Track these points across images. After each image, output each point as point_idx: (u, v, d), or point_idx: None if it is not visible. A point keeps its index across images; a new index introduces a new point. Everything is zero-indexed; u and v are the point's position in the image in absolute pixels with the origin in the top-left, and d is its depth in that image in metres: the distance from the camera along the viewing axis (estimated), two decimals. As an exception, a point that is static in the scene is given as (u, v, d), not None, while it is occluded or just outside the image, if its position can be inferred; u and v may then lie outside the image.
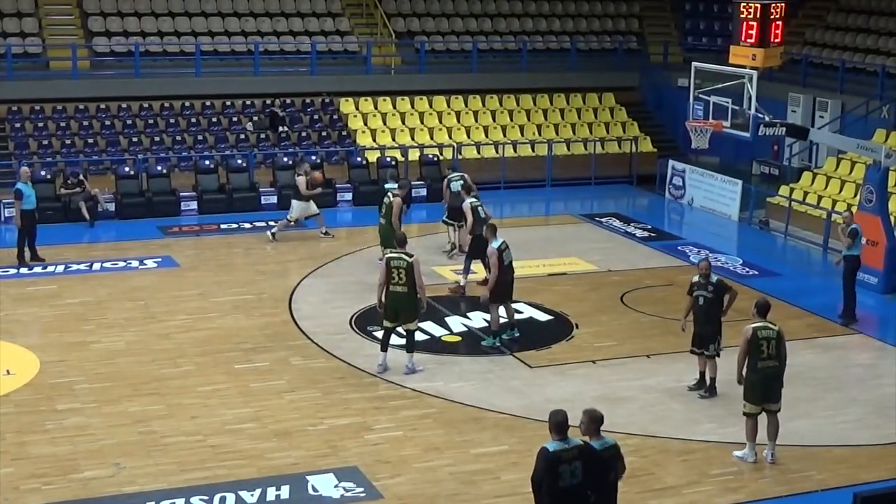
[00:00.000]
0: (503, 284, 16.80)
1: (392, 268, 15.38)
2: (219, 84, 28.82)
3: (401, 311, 15.53)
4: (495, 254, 16.69)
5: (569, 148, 29.92)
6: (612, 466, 10.04)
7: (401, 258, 15.41)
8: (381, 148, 28.33)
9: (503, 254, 16.76)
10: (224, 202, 25.35)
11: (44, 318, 18.10)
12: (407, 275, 15.31)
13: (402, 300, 15.44)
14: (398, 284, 15.38)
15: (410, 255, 15.48)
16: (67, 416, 14.22)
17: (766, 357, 13.07)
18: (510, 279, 16.99)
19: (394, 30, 31.54)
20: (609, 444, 10.10)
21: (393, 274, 15.36)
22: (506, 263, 16.80)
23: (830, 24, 31.76)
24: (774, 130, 20.78)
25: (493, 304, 16.92)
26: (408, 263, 15.34)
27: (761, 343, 13.07)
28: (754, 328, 13.12)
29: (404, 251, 15.53)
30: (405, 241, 15.86)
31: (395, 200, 19.94)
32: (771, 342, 13.07)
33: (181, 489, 12.38)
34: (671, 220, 26.91)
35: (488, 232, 17.27)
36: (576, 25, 33.86)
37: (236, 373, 15.86)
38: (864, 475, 13.11)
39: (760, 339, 13.07)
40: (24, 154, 25.86)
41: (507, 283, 16.88)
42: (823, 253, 23.37)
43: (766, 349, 13.06)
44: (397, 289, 15.41)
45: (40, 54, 28.62)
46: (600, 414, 10.06)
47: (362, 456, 13.31)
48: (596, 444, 10.01)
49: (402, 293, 15.40)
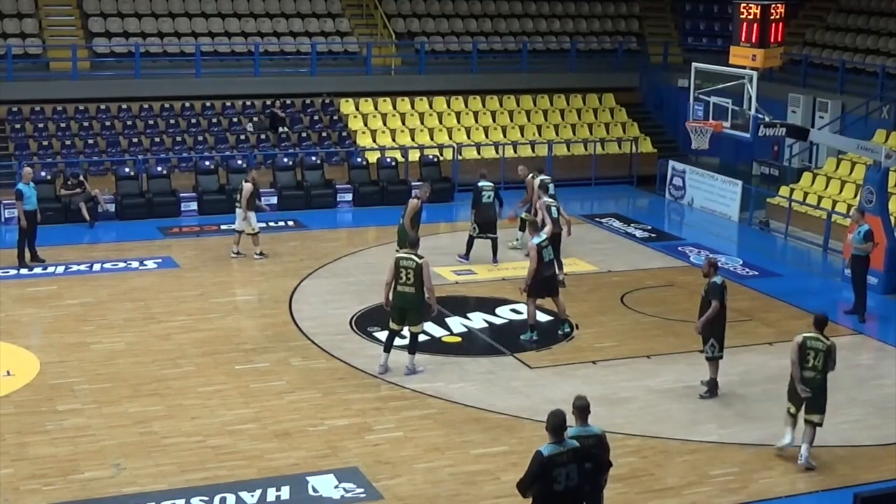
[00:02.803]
0: (540, 280, 17.04)
1: (401, 268, 15.42)
2: (219, 85, 28.83)
3: (407, 311, 15.56)
4: (535, 248, 16.97)
5: (569, 148, 29.93)
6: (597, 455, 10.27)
7: (410, 258, 15.45)
8: (381, 149, 28.34)
9: (543, 250, 17.02)
10: (224, 203, 25.35)
11: (44, 319, 18.10)
12: (416, 276, 15.34)
13: (409, 301, 15.49)
14: (406, 285, 15.42)
15: (421, 256, 15.50)
16: (68, 417, 14.22)
17: (809, 367, 13.30)
18: (548, 275, 17.20)
19: (394, 30, 31.55)
20: (591, 433, 10.33)
21: (401, 274, 15.41)
22: (546, 260, 17.07)
23: (830, 24, 31.76)
24: (774, 131, 20.77)
25: (530, 298, 17.19)
26: (417, 264, 15.37)
27: (808, 353, 13.29)
28: (805, 337, 13.35)
29: (415, 252, 15.54)
30: (417, 242, 15.87)
31: (411, 201, 19.90)
32: (819, 354, 13.25)
33: (181, 490, 12.38)
34: (671, 221, 26.91)
35: (530, 228, 17.67)
36: (576, 26, 33.87)
37: (237, 373, 15.86)
38: (864, 475, 13.13)
39: (808, 349, 13.28)
40: (24, 155, 25.86)
41: (544, 278, 17.11)
42: (823, 253, 23.38)
43: (811, 360, 13.29)
44: (405, 289, 15.44)
45: (40, 55, 28.63)
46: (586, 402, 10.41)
47: (363, 456, 13.31)
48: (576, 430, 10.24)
49: (410, 294, 15.44)
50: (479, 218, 21.30)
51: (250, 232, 21.42)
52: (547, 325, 18.05)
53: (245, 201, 21.19)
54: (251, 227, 21.38)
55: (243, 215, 21.34)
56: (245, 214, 21.30)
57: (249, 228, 21.38)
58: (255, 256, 21.50)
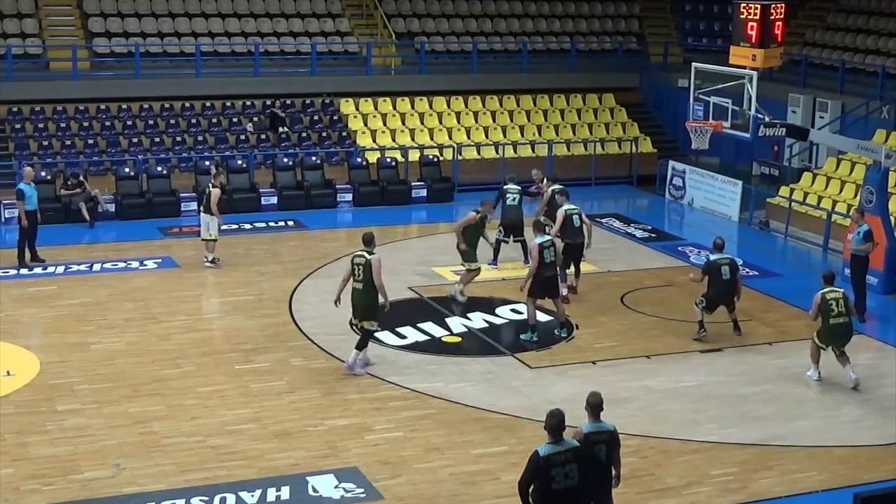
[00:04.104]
0: (541, 280, 17.07)
1: (354, 264, 15.67)
2: (219, 85, 28.83)
3: (358, 307, 15.73)
4: (536, 248, 17.02)
5: (569, 149, 29.93)
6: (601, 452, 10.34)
7: (362, 255, 15.64)
8: (381, 149, 28.34)
9: (545, 251, 17.04)
10: (224, 203, 25.27)
11: (44, 319, 18.10)
12: (365, 272, 15.51)
13: (358, 297, 15.68)
14: (357, 281, 15.67)
15: (373, 253, 15.65)
16: (68, 417, 14.22)
17: (836, 315, 15.41)
18: (549, 276, 17.22)
19: (394, 30, 31.55)
20: (604, 429, 10.40)
21: (354, 271, 15.66)
22: (547, 261, 17.08)
23: (830, 24, 31.76)
24: (774, 131, 20.76)
25: (530, 299, 17.23)
26: (367, 261, 15.53)
27: (830, 303, 15.39)
28: (822, 293, 15.48)
29: (367, 249, 15.67)
30: (372, 239, 15.91)
31: (469, 214, 19.54)
32: (839, 301, 15.42)
33: (181, 490, 12.38)
34: (671, 221, 26.92)
35: (535, 228, 17.77)
36: (576, 26, 33.86)
37: (236, 373, 15.86)
38: (864, 475, 13.12)
39: (829, 300, 15.40)
40: (24, 155, 25.85)
41: (545, 279, 17.14)
42: (823, 253, 23.38)
43: (835, 307, 15.39)
44: (356, 285, 15.70)
45: (40, 55, 28.63)
46: (599, 399, 10.54)
47: (362, 457, 13.31)
48: (590, 426, 10.36)
49: (359, 290, 15.65)
50: (503, 220, 21.31)
51: (207, 238, 20.98)
52: (549, 326, 18.05)
53: (215, 207, 20.71)
54: (209, 232, 20.89)
55: (211, 220, 20.72)
56: (212, 219, 20.69)
57: (208, 234, 20.94)
58: (206, 263, 21.03)
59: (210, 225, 20.90)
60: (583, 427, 10.40)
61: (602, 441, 10.39)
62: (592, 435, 10.34)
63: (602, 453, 10.36)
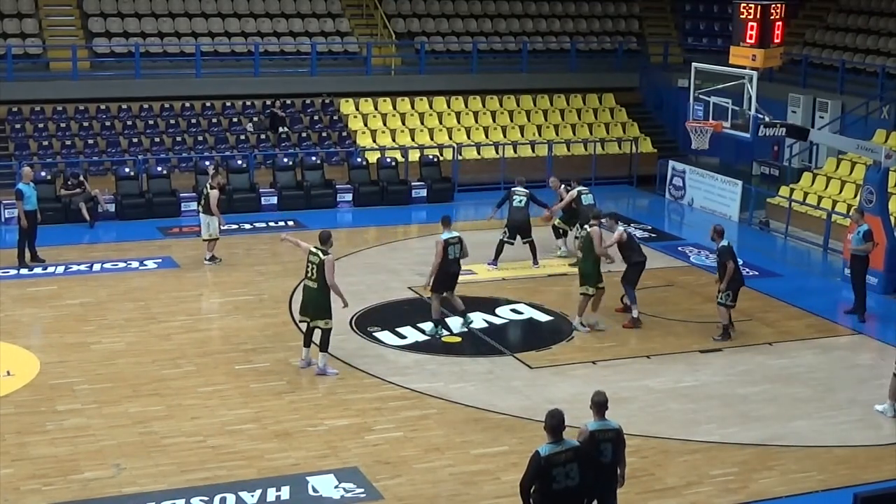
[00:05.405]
0: (444, 275, 17.25)
1: (308, 262, 15.69)
2: (219, 85, 28.83)
3: (311, 306, 15.71)
4: (441, 243, 17.16)
5: (569, 149, 29.92)
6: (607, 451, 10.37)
7: (316, 254, 15.63)
8: (381, 149, 28.34)
9: (450, 247, 17.20)
10: (224, 203, 25.26)
11: (44, 319, 18.10)
12: (318, 271, 15.51)
13: (311, 295, 15.67)
14: (310, 280, 15.67)
15: (327, 252, 15.62)
16: (68, 417, 14.22)
17: None
18: (452, 272, 17.36)
19: (394, 30, 31.55)
20: (610, 427, 10.42)
21: (308, 269, 15.68)
22: (451, 257, 17.22)
23: (830, 24, 31.76)
24: (774, 131, 20.77)
25: (435, 294, 17.46)
26: (320, 260, 15.53)
27: None
28: None
29: (322, 248, 15.65)
30: (328, 238, 15.87)
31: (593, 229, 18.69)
32: None
33: (181, 490, 12.38)
34: (671, 221, 26.91)
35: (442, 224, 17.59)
36: (576, 26, 33.86)
37: (236, 373, 15.86)
38: (864, 475, 13.12)
39: None
40: (24, 155, 25.86)
41: (449, 274, 17.33)
42: (823, 253, 23.38)
43: None
44: (309, 283, 15.71)
45: (40, 55, 28.63)
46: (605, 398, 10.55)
47: (362, 457, 13.31)
48: (595, 424, 10.37)
49: (313, 289, 15.65)
50: (510, 222, 21.30)
51: (208, 238, 21.11)
52: (549, 326, 18.04)
53: (215, 208, 20.81)
54: (209, 232, 21.00)
55: (211, 220, 20.86)
56: (212, 219, 20.82)
57: (207, 234, 21.04)
58: (206, 262, 21.20)
59: (210, 224, 20.98)
60: (588, 425, 10.40)
61: (608, 439, 10.38)
62: (598, 433, 10.35)
63: (608, 451, 10.35)
